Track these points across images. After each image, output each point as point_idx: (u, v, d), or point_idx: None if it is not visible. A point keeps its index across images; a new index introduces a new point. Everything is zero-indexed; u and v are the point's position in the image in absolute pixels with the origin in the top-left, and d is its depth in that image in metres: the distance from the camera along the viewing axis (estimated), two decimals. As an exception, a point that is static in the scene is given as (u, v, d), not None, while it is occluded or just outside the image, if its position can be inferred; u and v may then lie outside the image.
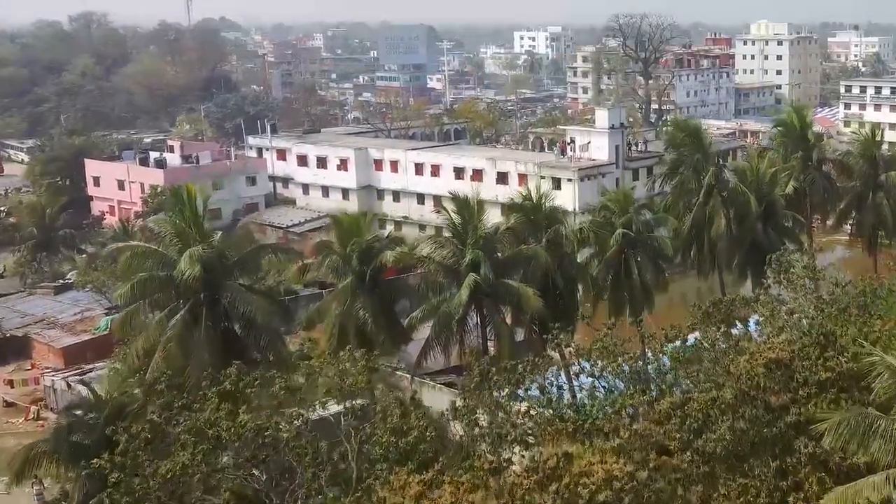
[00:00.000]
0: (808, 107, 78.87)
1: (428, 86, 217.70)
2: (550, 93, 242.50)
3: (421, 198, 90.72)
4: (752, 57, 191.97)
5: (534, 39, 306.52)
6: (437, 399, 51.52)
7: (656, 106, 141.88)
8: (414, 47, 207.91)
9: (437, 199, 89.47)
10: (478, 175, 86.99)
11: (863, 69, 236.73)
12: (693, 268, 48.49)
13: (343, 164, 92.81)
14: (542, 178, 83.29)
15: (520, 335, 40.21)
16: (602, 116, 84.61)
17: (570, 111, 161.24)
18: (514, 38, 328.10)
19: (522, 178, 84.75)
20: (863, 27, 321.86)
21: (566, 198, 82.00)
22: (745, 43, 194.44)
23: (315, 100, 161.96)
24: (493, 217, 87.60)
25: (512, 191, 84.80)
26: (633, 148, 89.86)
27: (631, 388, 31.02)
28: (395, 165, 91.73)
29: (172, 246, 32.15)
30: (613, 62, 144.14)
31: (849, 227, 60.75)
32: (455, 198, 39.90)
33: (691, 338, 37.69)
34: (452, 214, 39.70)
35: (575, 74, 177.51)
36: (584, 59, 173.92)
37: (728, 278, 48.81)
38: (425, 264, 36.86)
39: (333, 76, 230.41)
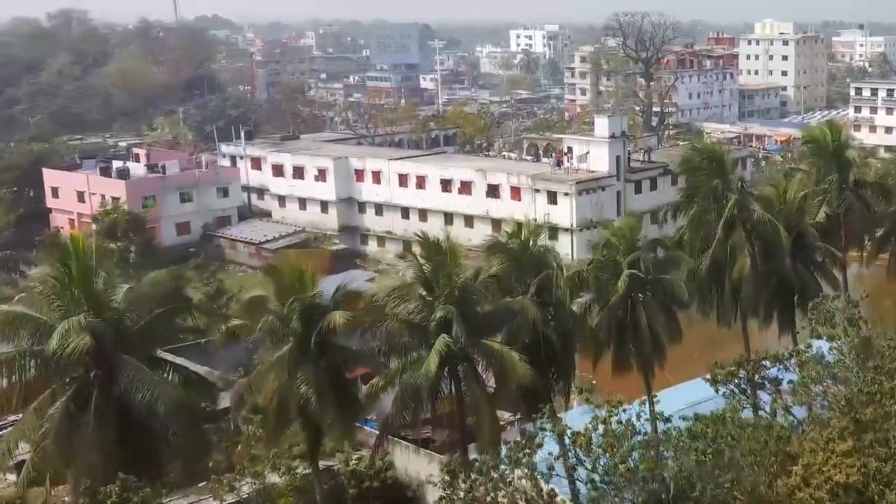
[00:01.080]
0: (843, 124, 71.61)
1: (421, 86, 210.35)
2: (547, 93, 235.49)
3: (405, 211, 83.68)
4: (757, 57, 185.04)
5: (531, 38, 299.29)
6: (414, 462, 44.65)
7: (657, 109, 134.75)
8: (406, 46, 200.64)
9: (423, 214, 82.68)
10: (466, 188, 79.96)
11: (869, 69, 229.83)
12: (711, 314, 41.53)
13: (321, 175, 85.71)
14: (537, 191, 76.39)
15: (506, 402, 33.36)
16: (602, 125, 77.59)
17: (567, 114, 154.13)
18: (511, 37, 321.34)
19: (515, 191, 77.76)
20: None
21: (562, 214, 75.14)
22: (749, 42, 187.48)
23: (301, 101, 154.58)
24: (482, 233, 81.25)
25: (504, 206, 78.20)
26: (637, 156, 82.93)
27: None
28: (377, 176, 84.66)
29: (54, 311, 25.03)
30: (613, 63, 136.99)
31: (888, 256, 53.66)
32: (424, 240, 32.64)
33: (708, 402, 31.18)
34: (421, 260, 32.52)
35: (573, 75, 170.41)
36: (583, 60, 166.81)
37: (751, 321, 41.90)
38: (386, 321, 29.79)
39: (323, 76, 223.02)
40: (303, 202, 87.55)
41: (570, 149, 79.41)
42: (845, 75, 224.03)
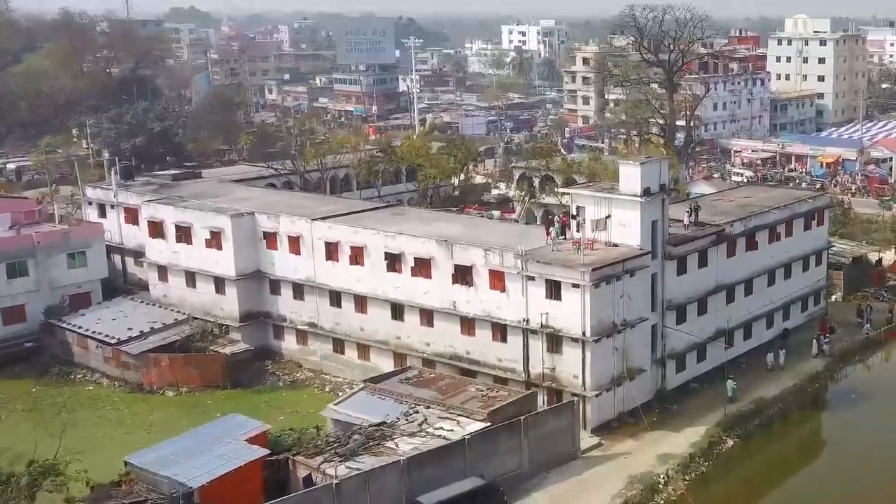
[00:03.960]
0: None
1: (398, 90, 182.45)
2: (542, 97, 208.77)
3: (336, 297, 56.60)
4: (788, 59, 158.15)
5: (524, 34, 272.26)
6: None
7: (681, 122, 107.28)
8: (379, 44, 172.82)
9: (361, 302, 55.76)
10: (424, 267, 52.86)
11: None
12: None
13: (215, 239, 58.52)
14: (530, 278, 49.36)
15: None
16: (631, 176, 50.45)
17: (568, 129, 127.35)
18: (503, 33, 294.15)
19: (497, 276, 50.67)
20: (874, 23, 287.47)
21: (569, 314, 48.25)
22: (779, 42, 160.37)
23: (247, 110, 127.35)
24: (448, 337, 54.13)
25: (480, 298, 51.20)
26: (685, 216, 55.78)
27: None
28: (296, 243, 57.51)
29: None
30: (625, 69, 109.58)
31: None
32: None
33: None
34: None
35: (573, 80, 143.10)
36: (585, 62, 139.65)
37: None
38: None
39: (286, 76, 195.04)
40: (191, 276, 60.37)
41: (580, 210, 52.22)
42: (881, 80, 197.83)
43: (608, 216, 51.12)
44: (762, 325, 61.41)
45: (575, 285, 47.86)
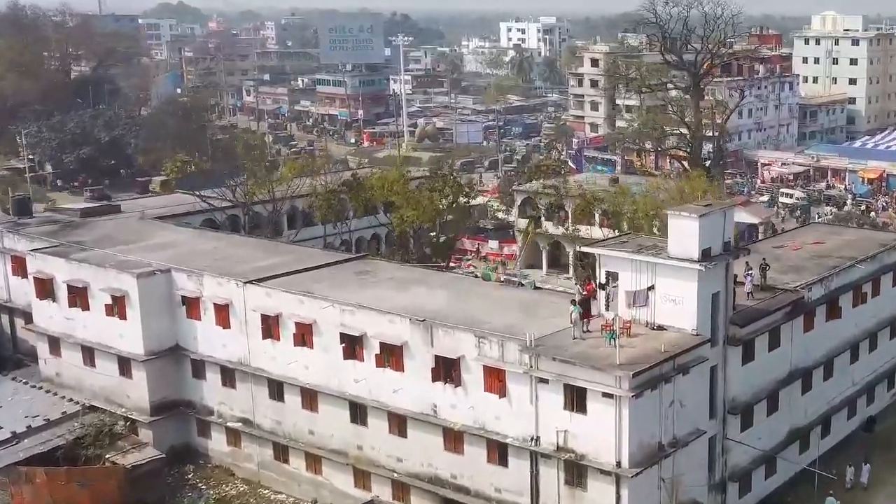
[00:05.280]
0: None
1: (389, 91, 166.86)
2: (545, 99, 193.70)
3: (276, 387, 41.75)
4: (816, 60, 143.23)
5: (524, 32, 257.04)
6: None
7: (707, 131, 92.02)
8: (366, 42, 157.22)
9: (310, 397, 40.99)
10: (394, 355, 38.00)
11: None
12: None
13: (118, 304, 43.61)
14: (543, 381, 34.54)
15: None
16: (685, 231, 35.60)
17: (575, 141, 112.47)
18: (501, 30, 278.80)
19: (494, 375, 35.84)
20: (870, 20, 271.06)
21: (598, 434, 33.54)
22: (806, 41, 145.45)
23: (208, 118, 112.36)
24: (427, 452, 37.37)
25: (471, 403, 36.56)
26: (747, 280, 40.81)
27: None
28: (223, 313, 42.63)
29: None
30: (644, 72, 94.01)
31: None
32: None
33: None
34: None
35: (580, 83, 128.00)
36: (594, 63, 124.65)
37: None
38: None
39: (266, 77, 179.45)
40: (88, 352, 45.49)
41: (610, 277, 37.33)
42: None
43: (651, 287, 36.37)
44: (843, 416, 46.75)
45: (607, 395, 33.14)
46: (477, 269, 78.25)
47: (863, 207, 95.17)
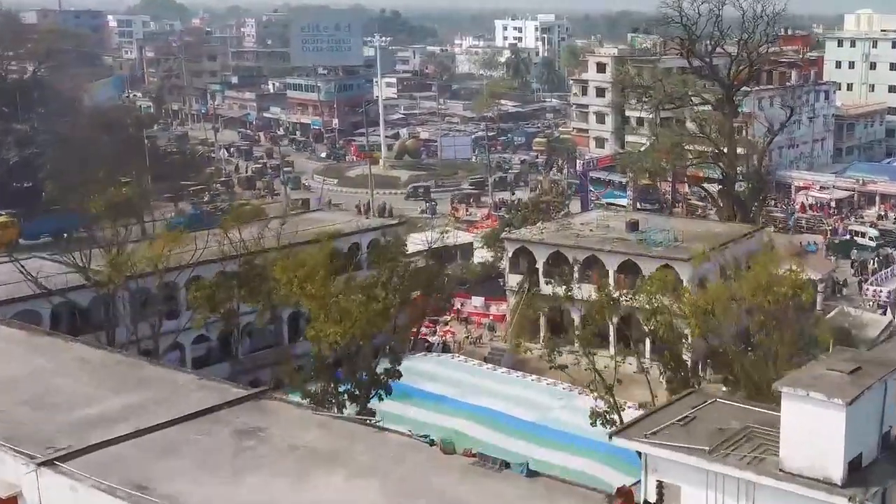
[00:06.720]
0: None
1: (371, 96, 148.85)
2: (542, 105, 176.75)
3: None
4: (851, 65, 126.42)
5: (520, 30, 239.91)
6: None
7: (740, 151, 74.72)
8: (342, 42, 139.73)
9: None
10: None
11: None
12: None
13: None
14: None
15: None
16: (818, 427, 18.69)
17: (580, 160, 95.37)
18: (497, 28, 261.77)
19: None
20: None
21: None
22: (839, 44, 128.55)
23: (141, 133, 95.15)
24: None
25: None
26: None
27: None
28: (11, 506, 25.54)
29: None
30: (665, 84, 76.38)
31: None
32: None
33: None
34: None
35: (584, 92, 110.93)
36: (601, 68, 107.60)
37: None
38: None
39: (234, 80, 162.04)
40: None
41: (666, 490, 20.35)
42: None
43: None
44: None
45: None
46: (457, 335, 61.73)
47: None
